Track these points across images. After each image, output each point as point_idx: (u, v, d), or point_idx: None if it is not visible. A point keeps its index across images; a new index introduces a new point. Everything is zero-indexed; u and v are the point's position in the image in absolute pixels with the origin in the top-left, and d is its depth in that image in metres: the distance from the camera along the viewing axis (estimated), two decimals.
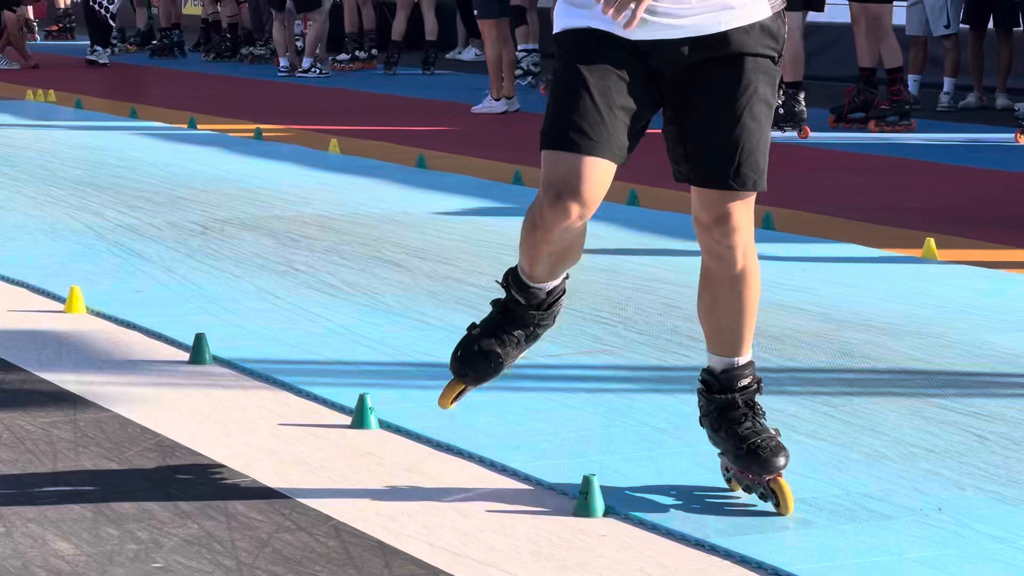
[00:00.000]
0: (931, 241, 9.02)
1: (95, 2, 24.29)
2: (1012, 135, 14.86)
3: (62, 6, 31.49)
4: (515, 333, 4.31)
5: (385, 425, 5.32)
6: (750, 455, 4.10)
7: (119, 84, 21.63)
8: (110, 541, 4.14)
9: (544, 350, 6.87)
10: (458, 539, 4.26)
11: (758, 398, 4.36)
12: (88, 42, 24.75)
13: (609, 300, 8.07)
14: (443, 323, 7.06)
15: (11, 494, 4.63)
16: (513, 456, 5.05)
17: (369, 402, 5.34)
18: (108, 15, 23.82)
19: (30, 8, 26.27)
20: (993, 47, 17.21)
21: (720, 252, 3.90)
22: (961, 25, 17.14)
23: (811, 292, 8.49)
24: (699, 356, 5.04)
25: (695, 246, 4.97)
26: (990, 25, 17.47)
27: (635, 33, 3.57)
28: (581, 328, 7.17)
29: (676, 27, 3.74)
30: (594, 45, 3.69)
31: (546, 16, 20.24)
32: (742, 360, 4.31)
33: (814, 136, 15.56)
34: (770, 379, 5.25)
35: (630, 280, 8.65)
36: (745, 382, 4.33)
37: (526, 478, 4.87)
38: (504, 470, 4.96)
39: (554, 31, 3.80)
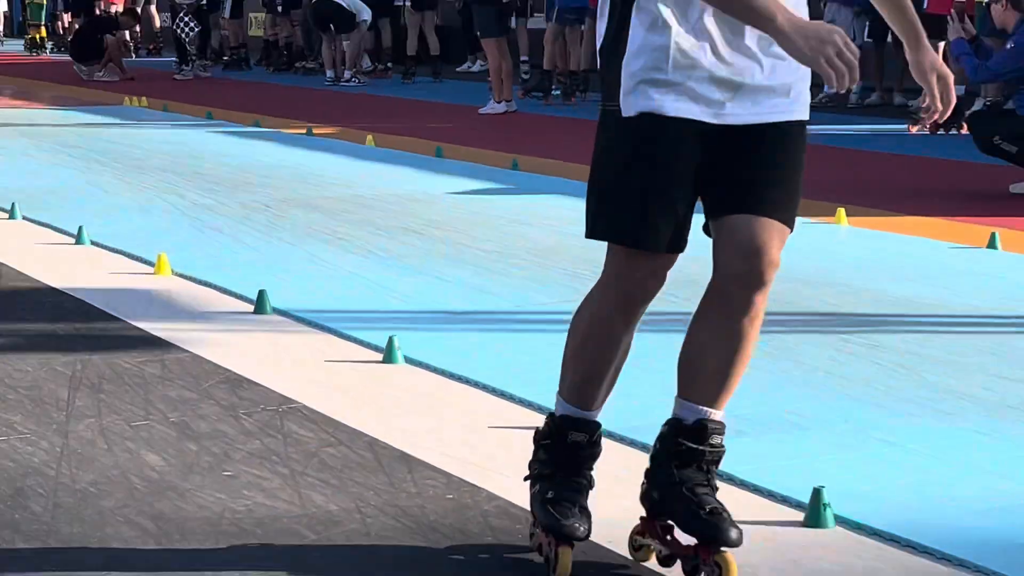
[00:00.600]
0: (842, 211, 9.05)
1: (178, 27, 24.27)
2: (905, 126, 15.04)
3: (158, 27, 31.00)
4: (585, 478, 3.30)
5: (409, 360, 5.36)
6: (712, 521, 3.10)
7: (198, 92, 21.75)
8: (190, 455, 4.31)
9: (537, 300, 7.06)
10: (466, 450, 4.41)
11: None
12: (175, 59, 24.83)
13: (588, 262, 8.03)
14: (455, 279, 7.14)
15: (112, 419, 4.73)
16: (510, 384, 5.13)
17: (396, 343, 5.40)
18: (187, 38, 23.93)
19: (127, 32, 26.19)
20: (891, 55, 17.30)
21: (750, 281, 3.00)
22: (866, 39, 17.11)
23: None
24: (675, 301, 4.69)
25: None
26: (888, 39, 17.55)
27: (727, 118, 2.85)
28: (567, 283, 7.10)
29: (763, 112, 2.98)
30: (676, 132, 2.83)
31: (537, 35, 19.95)
32: (719, 415, 3.33)
33: None
34: None
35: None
36: (718, 440, 3.33)
37: (520, 400, 4.95)
38: (503, 395, 5.05)
39: (625, 110, 2.84)
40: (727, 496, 3.51)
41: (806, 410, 4.94)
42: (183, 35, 23.94)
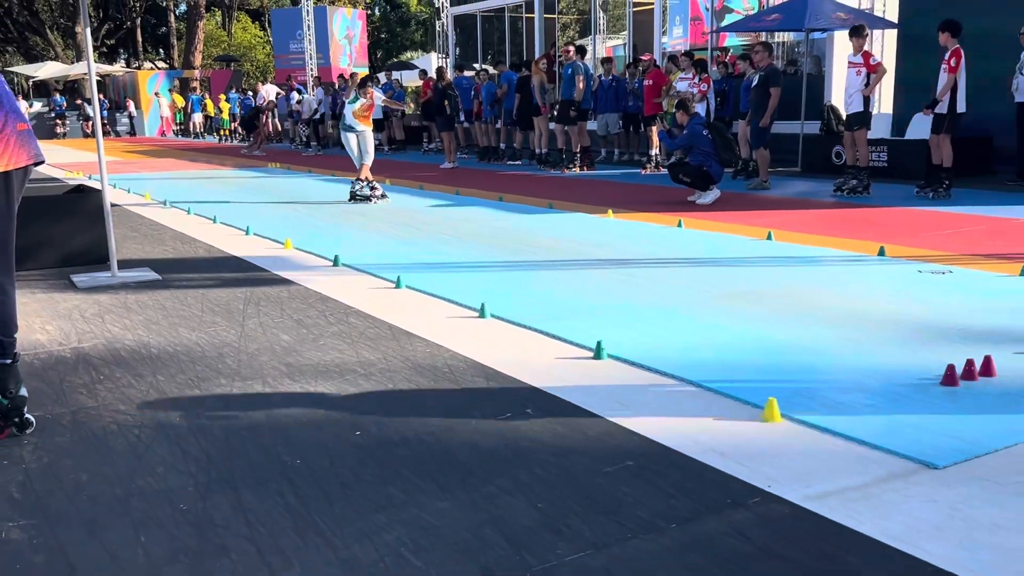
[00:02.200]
0: (611, 211, 9.61)
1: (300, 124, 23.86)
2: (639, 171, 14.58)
3: (280, 129, 27.77)
4: None
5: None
6: None
7: (319, 161, 21.36)
8: (303, 334, 5.03)
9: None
10: (438, 330, 4.98)
11: None
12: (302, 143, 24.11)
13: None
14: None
15: (264, 319, 5.37)
16: (465, 297, 5.59)
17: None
18: (305, 135, 23.56)
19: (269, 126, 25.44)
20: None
21: None
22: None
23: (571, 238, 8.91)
24: None
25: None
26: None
27: None
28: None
29: None
30: None
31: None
32: None
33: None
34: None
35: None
36: None
37: (466, 306, 5.49)
38: (454, 303, 5.57)
39: None
40: (551, 344, 4.41)
41: (602, 304, 5.38)
42: (304, 131, 23.81)
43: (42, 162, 3.63)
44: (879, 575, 2.41)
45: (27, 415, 3.61)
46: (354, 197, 11.43)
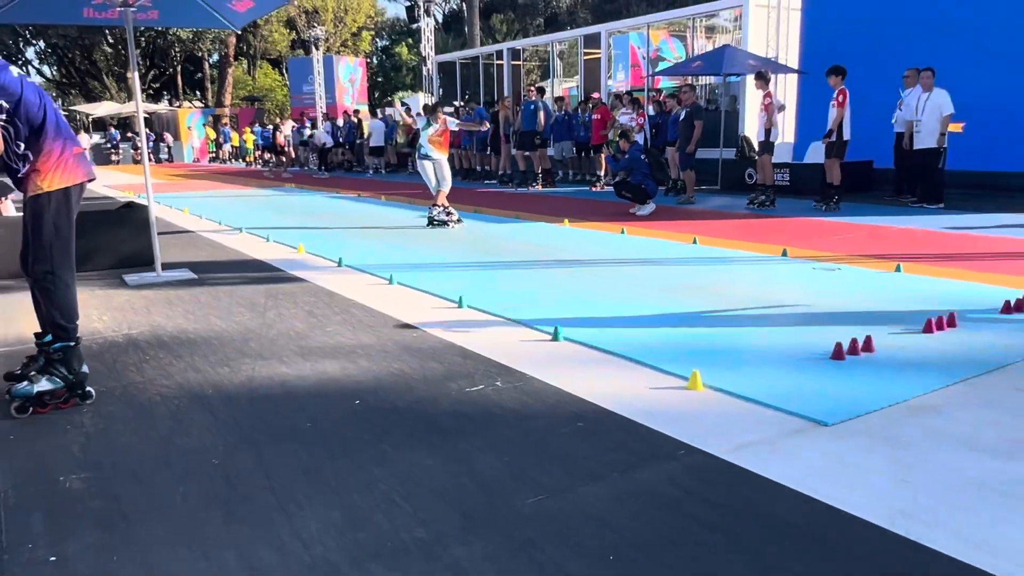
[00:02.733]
0: (567, 220, 9.57)
1: (315, 152, 23.31)
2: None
3: (293, 156, 26.59)
4: None
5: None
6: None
7: (327, 183, 20.81)
8: (311, 322, 4.92)
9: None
10: (422, 314, 4.94)
11: None
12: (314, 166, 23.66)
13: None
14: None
15: (280, 311, 5.29)
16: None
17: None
18: (316, 159, 22.97)
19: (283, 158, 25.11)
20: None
21: None
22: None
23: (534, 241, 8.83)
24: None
25: None
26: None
27: None
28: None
29: None
30: None
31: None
32: None
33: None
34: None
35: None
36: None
37: (436, 295, 5.45)
38: (421, 290, 5.45)
39: None
40: (518, 329, 4.37)
41: (561, 296, 5.37)
42: (314, 158, 23.40)
43: (94, 179, 3.63)
44: (780, 511, 2.43)
45: (88, 388, 3.60)
46: (432, 222, 9.71)
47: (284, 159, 23.72)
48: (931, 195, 10.25)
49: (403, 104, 18.71)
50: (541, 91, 15.70)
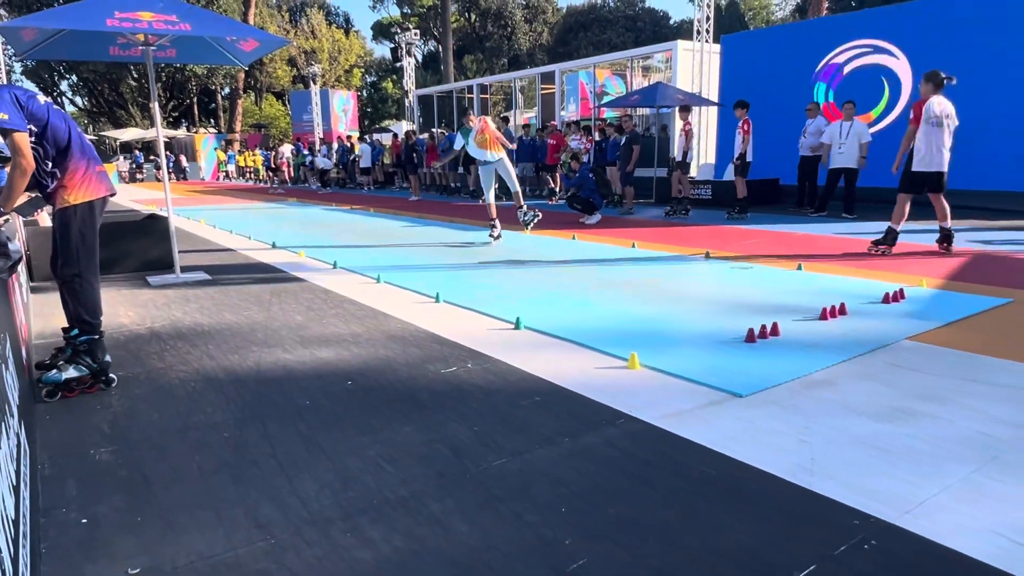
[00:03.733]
0: (527, 229, 9.05)
1: (316, 174, 22.74)
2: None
3: (292, 176, 25.86)
4: None
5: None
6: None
7: (325, 197, 20.50)
8: (310, 315, 4.81)
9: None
10: (404, 309, 4.83)
11: None
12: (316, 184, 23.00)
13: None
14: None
15: (284, 305, 5.17)
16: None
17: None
18: (317, 179, 22.42)
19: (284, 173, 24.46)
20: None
21: None
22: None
23: (511, 245, 8.66)
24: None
25: None
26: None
27: None
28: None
29: None
30: None
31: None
32: None
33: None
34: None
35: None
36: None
37: (413, 290, 5.32)
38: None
39: None
40: (486, 320, 4.28)
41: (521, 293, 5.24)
42: (315, 178, 22.90)
43: (114, 194, 3.56)
44: (701, 466, 2.45)
45: (110, 375, 3.52)
46: (526, 225, 8.65)
47: (282, 176, 23.30)
48: (848, 207, 10.29)
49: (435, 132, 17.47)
50: (505, 120, 15.56)
